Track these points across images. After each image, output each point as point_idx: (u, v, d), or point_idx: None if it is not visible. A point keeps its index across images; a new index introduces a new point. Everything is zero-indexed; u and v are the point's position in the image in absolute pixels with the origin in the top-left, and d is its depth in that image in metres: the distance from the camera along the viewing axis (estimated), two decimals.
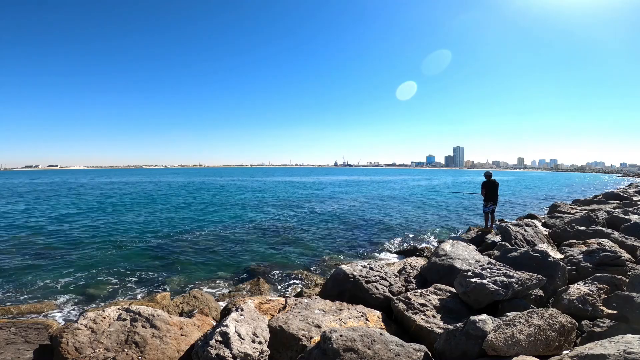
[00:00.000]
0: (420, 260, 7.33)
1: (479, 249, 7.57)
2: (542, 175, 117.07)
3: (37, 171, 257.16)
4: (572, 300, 4.00)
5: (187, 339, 3.76)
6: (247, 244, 11.04)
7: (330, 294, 5.15)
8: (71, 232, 12.96)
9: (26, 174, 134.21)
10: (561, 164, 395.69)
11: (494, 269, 4.50)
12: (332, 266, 8.58)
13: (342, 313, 4.16)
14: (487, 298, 4.08)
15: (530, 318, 3.01)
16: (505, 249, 5.95)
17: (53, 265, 8.71)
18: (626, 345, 2.40)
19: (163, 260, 9.21)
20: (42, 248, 10.49)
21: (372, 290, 4.90)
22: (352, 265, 5.60)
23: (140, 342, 3.54)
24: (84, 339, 3.47)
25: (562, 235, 8.19)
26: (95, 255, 9.70)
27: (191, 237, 12.13)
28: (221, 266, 8.72)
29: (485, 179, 10.25)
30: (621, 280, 4.26)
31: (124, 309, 3.98)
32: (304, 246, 10.83)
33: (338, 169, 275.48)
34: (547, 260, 5.05)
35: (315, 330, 3.70)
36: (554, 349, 2.88)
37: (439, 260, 5.90)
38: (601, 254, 5.41)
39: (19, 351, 3.68)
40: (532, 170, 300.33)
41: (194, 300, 5.64)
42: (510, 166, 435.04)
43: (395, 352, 2.95)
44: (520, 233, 7.76)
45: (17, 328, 4.17)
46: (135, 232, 13.00)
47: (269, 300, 4.67)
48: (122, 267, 8.57)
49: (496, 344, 2.79)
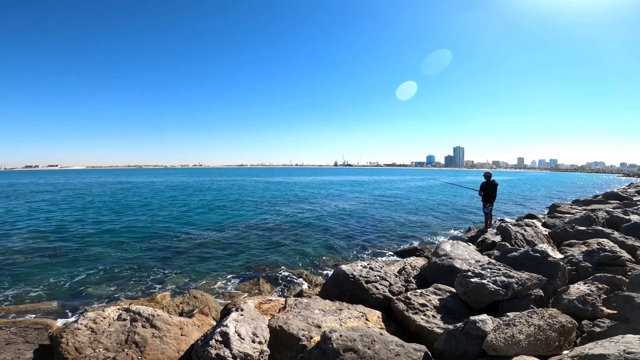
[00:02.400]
0: (420, 260, 7.33)
1: (479, 249, 7.57)
2: (542, 175, 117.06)
3: (37, 171, 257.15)
4: (572, 300, 4.00)
5: (187, 339, 3.76)
6: (247, 244, 11.04)
7: (330, 294, 5.15)
8: (71, 232, 12.95)
9: (28, 174, 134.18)
10: (561, 164, 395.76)
11: (494, 269, 4.50)
12: (332, 266, 8.58)
13: (342, 313, 4.16)
14: (487, 298, 4.08)
15: (530, 318, 3.01)
16: (505, 249, 5.95)
17: (53, 265, 8.72)
18: (626, 345, 2.40)
19: (163, 260, 9.21)
20: (42, 248, 10.48)
21: (372, 290, 4.90)
22: (352, 265, 5.60)
23: (140, 342, 3.54)
24: (84, 339, 3.47)
25: (562, 235, 8.19)
26: (95, 255, 9.70)
27: (191, 237, 12.13)
28: (221, 266, 8.72)
29: (484, 180, 10.26)
30: (621, 280, 4.26)
31: (124, 309, 3.98)
32: (304, 246, 10.83)
33: (338, 169, 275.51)
34: (547, 260, 5.05)
35: (315, 330, 3.70)
36: (554, 349, 2.88)
37: (439, 260, 5.90)
38: (601, 254, 5.41)
39: (19, 351, 3.68)
40: (532, 170, 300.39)
41: (194, 300, 5.64)
42: (510, 166, 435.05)
43: (395, 352, 2.95)
44: (520, 233, 7.76)
45: (17, 328, 4.17)
46: (135, 232, 13.00)
47: (269, 300, 4.67)
48: (122, 267, 8.57)
49: (496, 344, 2.79)
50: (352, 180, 64.77)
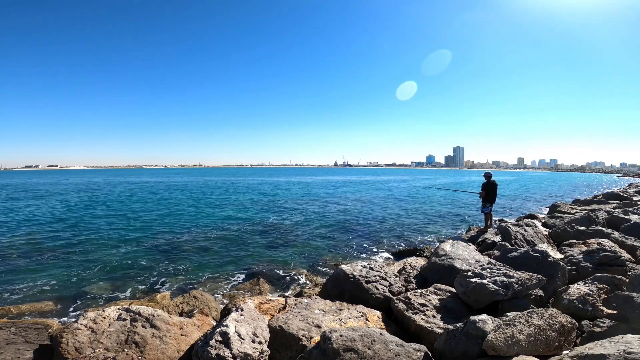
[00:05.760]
0: (420, 260, 7.33)
1: (479, 249, 7.57)
2: (542, 175, 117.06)
3: (37, 171, 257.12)
4: (572, 300, 4.00)
5: (187, 339, 3.76)
6: (247, 244, 11.04)
7: (330, 294, 5.14)
8: (71, 232, 12.96)
9: (28, 174, 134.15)
10: (561, 164, 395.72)
11: (494, 269, 4.50)
12: (332, 266, 8.58)
13: (342, 313, 4.16)
14: (487, 298, 4.08)
15: (530, 318, 3.01)
16: (505, 249, 5.95)
17: (53, 265, 8.71)
18: (626, 345, 2.40)
19: (163, 260, 9.21)
20: (42, 248, 10.48)
21: (372, 290, 4.90)
22: (352, 265, 5.60)
23: (140, 342, 3.54)
24: (84, 339, 3.47)
25: (562, 235, 8.19)
26: (95, 255, 9.70)
27: (191, 237, 12.13)
28: (221, 266, 8.72)
29: (485, 180, 10.26)
30: (621, 280, 4.26)
31: (124, 309, 3.98)
32: (304, 246, 10.83)
33: (338, 169, 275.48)
34: (547, 260, 5.05)
35: (315, 330, 3.70)
36: (554, 349, 2.88)
37: (439, 260, 5.90)
38: (601, 254, 5.41)
39: (19, 351, 3.68)
40: (532, 170, 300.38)
41: (194, 300, 5.64)
42: (510, 166, 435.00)
43: (395, 352, 2.95)
44: (520, 233, 7.75)
45: (17, 328, 4.16)
46: (135, 232, 13.00)
47: (269, 300, 4.67)
48: (122, 267, 8.57)
49: (496, 344, 2.79)
50: (352, 180, 64.76)
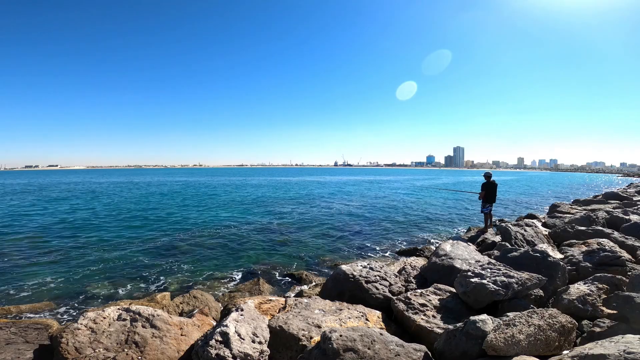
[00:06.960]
0: (420, 260, 7.33)
1: (479, 249, 7.57)
2: (542, 175, 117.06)
3: (37, 171, 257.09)
4: (572, 300, 4.00)
5: (187, 339, 3.76)
6: (247, 244, 11.04)
7: (330, 294, 5.14)
8: (71, 232, 12.96)
9: (28, 174, 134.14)
10: (561, 164, 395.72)
11: (494, 269, 4.50)
12: (332, 266, 8.58)
13: (342, 313, 4.16)
14: (487, 298, 4.08)
15: (530, 318, 3.00)
16: (505, 249, 5.95)
17: (53, 265, 8.71)
18: (626, 345, 2.40)
19: (163, 260, 9.21)
20: (42, 248, 10.49)
21: (372, 290, 4.90)
22: (352, 265, 5.60)
23: (140, 342, 3.54)
24: (84, 339, 3.47)
25: (562, 235, 8.19)
26: (96, 255, 9.70)
27: (191, 237, 12.13)
28: (221, 266, 8.73)
29: (485, 180, 10.27)
30: (621, 280, 4.26)
31: (124, 309, 3.98)
32: (304, 246, 10.83)
33: (338, 169, 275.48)
34: (547, 260, 5.05)
35: (315, 330, 3.70)
36: (554, 349, 2.88)
37: (439, 260, 5.90)
38: (601, 254, 5.41)
39: (19, 351, 3.68)
40: (532, 170, 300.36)
41: (194, 300, 5.64)
42: (510, 166, 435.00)
43: (395, 352, 2.95)
44: (520, 233, 7.76)
45: (17, 328, 4.16)
46: (135, 232, 13.00)
47: (269, 300, 4.66)
48: (122, 267, 8.57)
49: (496, 344, 2.79)
50: (351, 180, 64.76)
